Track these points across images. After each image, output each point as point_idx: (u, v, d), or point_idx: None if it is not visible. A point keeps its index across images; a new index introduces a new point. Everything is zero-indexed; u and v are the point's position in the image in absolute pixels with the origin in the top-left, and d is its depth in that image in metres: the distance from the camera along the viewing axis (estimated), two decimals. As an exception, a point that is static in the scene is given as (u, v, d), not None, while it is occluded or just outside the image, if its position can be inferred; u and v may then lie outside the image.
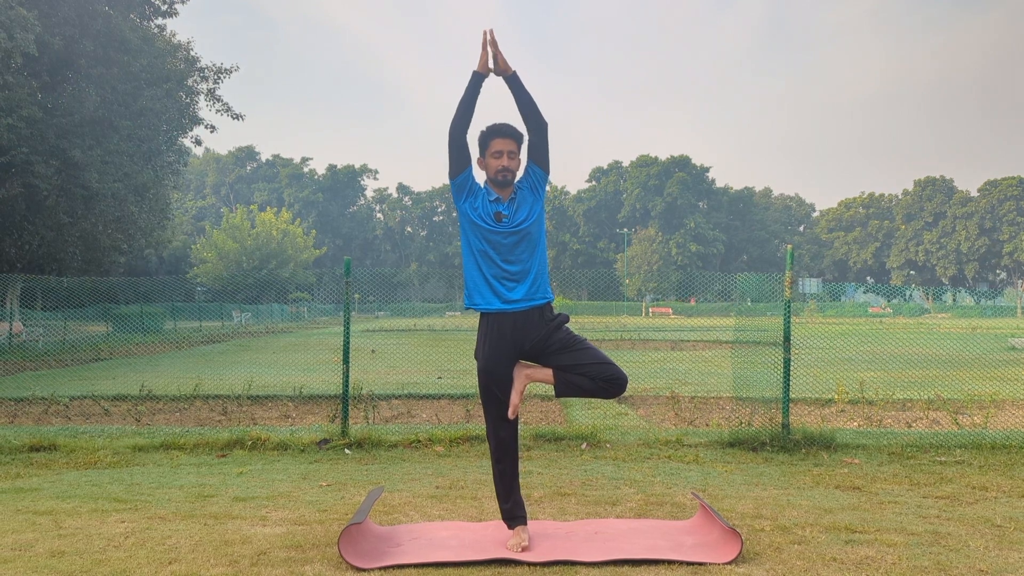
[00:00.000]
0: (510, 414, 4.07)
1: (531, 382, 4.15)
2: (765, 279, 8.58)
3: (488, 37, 4.10)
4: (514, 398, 4.08)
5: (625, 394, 11.21)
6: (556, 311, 4.21)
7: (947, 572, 3.76)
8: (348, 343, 7.71)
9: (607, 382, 4.01)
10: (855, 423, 8.77)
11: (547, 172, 4.21)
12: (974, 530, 4.49)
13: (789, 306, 7.24)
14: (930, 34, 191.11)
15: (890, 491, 5.52)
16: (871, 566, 3.84)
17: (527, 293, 4.06)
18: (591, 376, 4.01)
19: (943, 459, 6.66)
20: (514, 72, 4.13)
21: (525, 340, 4.06)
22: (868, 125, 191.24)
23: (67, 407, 9.80)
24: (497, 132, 4.09)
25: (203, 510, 4.94)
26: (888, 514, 4.85)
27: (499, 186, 4.10)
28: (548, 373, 4.10)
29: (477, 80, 4.14)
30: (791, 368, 7.33)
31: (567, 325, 4.17)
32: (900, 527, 4.53)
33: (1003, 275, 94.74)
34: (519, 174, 4.19)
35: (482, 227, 4.07)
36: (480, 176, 4.23)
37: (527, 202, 4.13)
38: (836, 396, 9.94)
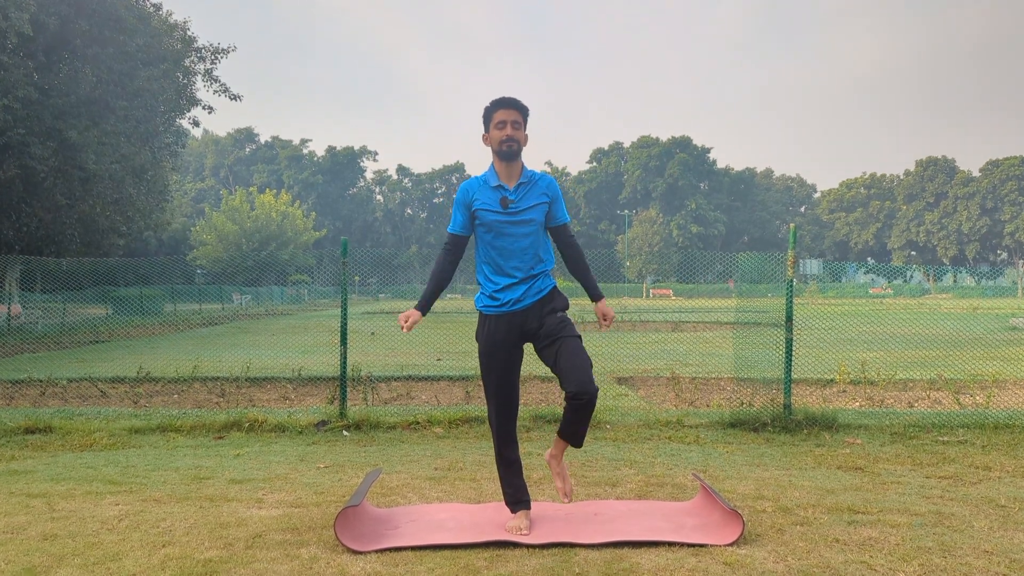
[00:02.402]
0: (564, 498, 4.13)
1: (557, 460, 4.16)
2: (767, 259, 8.49)
3: None
4: (560, 484, 4.13)
5: (625, 375, 11.23)
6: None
7: (951, 553, 3.70)
8: (346, 324, 7.64)
9: (573, 397, 3.84)
10: (856, 403, 8.71)
11: (554, 225, 4.16)
12: (978, 510, 4.43)
13: (792, 286, 7.16)
14: (931, 13, 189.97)
15: (892, 471, 5.47)
16: (874, 547, 3.79)
17: (527, 292, 4.04)
18: (564, 387, 3.90)
19: (945, 439, 6.60)
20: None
21: (525, 323, 4.04)
22: (869, 105, 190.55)
23: (64, 389, 9.75)
24: (500, 103, 4.01)
25: (199, 492, 4.89)
26: (891, 494, 4.79)
27: (504, 159, 4.00)
28: (559, 444, 4.12)
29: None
30: (792, 348, 7.26)
31: (566, 312, 4.11)
32: (903, 507, 4.47)
33: (1004, 255, 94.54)
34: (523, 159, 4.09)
35: (490, 218, 3.99)
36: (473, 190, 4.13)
37: (541, 200, 4.05)
38: (837, 376, 9.88)
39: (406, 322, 3.95)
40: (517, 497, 4.15)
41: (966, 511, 4.41)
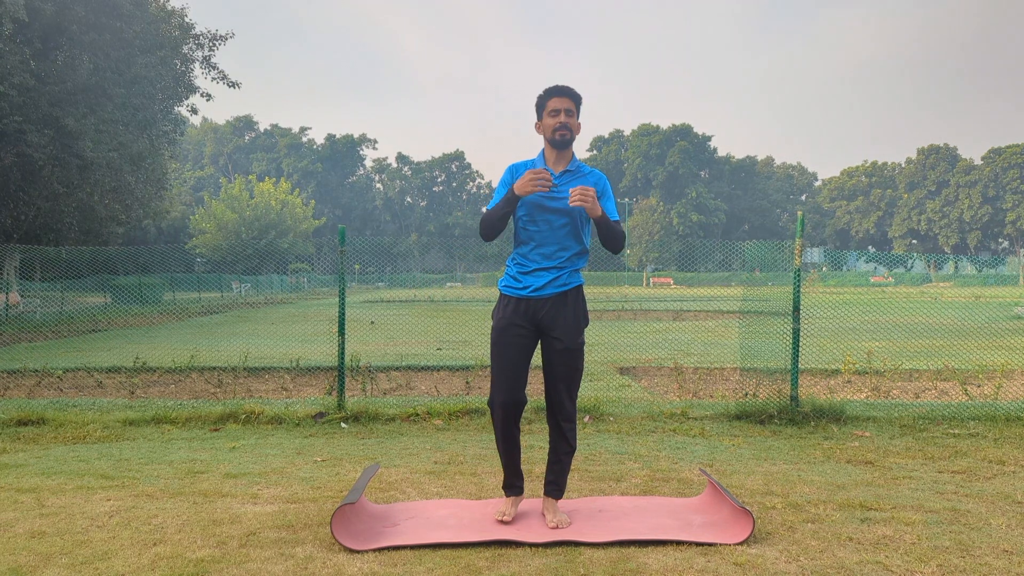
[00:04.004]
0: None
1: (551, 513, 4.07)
2: (775, 247, 8.34)
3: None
4: (549, 517, 4.04)
5: (627, 365, 11.10)
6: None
7: (969, 552, 3.58)
8: (343, 313, 7.50)
9: (556, 440, 4.08)
10: (863, 394, 8.58)
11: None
12: (994, 507, 4.31)
13: (799, 275, 7.01)
14: None
15: (904, 465, 5.34)
16: (889, 546, 3.66)
17: (551, 282, 3.98)
18: (552, 424, 4.09)
19: (956, 431, 6.46)
20: (602, 215, 3.89)
21: (539, 311, 3.98)
22: (871, 93, 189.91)
23: (60, 379, 9.61)
24: (554, 92, 3.98)
25: (192, 487, 4.76)
26: (903, 490, 4.66)
27: (557, 147, 3.98)
28: (545, 502, 4.12)
29: (514, 204, 3.91)
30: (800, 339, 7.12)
31: (584, 334, 4.08)
32: (917, 504, 4.34)
33: (1005, 244, 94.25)
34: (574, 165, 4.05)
35: (530, 198, 3.90)
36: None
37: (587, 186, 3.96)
38: (843, 367, 9.73)
39: (539, 175, 3.76)
40: (509, 481, 4.12)
41: (982, 508, 4.28)
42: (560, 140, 3.94)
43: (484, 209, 4.13)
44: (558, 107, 3.94)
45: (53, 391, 9.00)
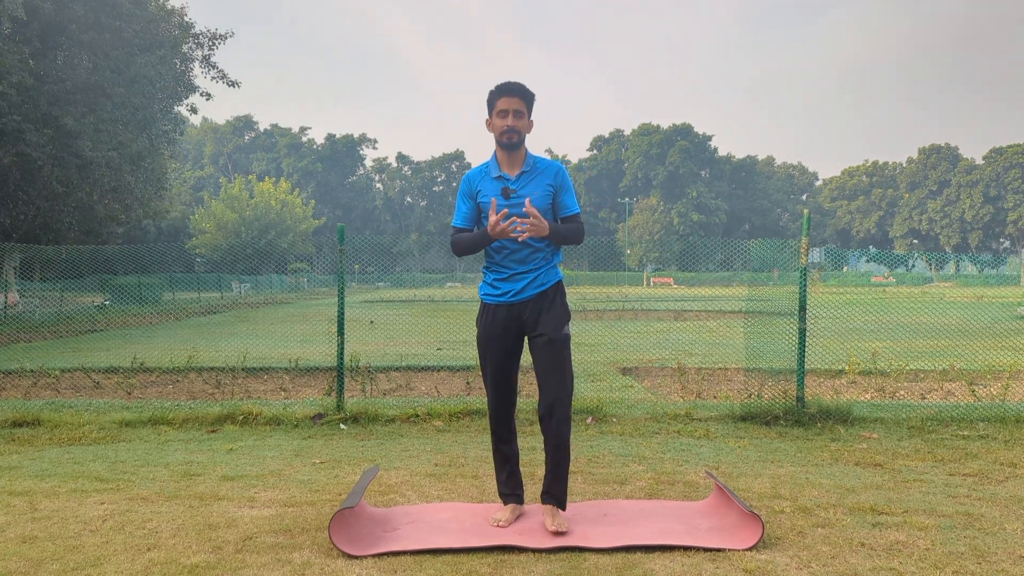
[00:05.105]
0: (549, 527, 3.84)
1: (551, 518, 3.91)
2: (779, 246, 8.25)
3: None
4: (548, 520, 3.89)
5: (629, 365, 11.00)
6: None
7: (985, 559, 3.48)
8: (343, 313, 7.41)
9: (541, 419, 3.87)
10: (868, 395, 8.47)
11: (563, 216, 3.97)
12: (1008, 511, 4.21)
13: (805, 274, 6.92)
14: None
15: (914, 468, 5.24)
16: (903, 552, 3.56)
17: (529, 284, 3.89)
18: (546, 433, 3.87)
19: (966, 433, 6.36)
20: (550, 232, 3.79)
21: (522, 314, 3.91)
22: (872, 92, 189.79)
23: (57, 380, 9.51)
24: (504, 90, 3.81)
25: (188, 490, 4.67)
26: (914, 493, 4.57)
27: (505, 150, 3.83)
28: (545, 511, 3.94)
29: (490, 241, 3.82)
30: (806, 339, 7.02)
31: (568, 326, 3.94)
32: (929, 508, 4.24)
33: (1007, 243, 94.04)
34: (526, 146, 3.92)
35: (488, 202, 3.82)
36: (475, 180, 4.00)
37: (546, 189, 3.86)
38: (848, 367, 9.63)
39: (497, 215, 3.69)
40: (508, 490, 4.05)
41: (995, 512, 4.18)
42: (508, 143, 3.80)
43: (452, 227, 4.00)
44: (506, 108, 3.78)
45: (50, 391, 8.91)
